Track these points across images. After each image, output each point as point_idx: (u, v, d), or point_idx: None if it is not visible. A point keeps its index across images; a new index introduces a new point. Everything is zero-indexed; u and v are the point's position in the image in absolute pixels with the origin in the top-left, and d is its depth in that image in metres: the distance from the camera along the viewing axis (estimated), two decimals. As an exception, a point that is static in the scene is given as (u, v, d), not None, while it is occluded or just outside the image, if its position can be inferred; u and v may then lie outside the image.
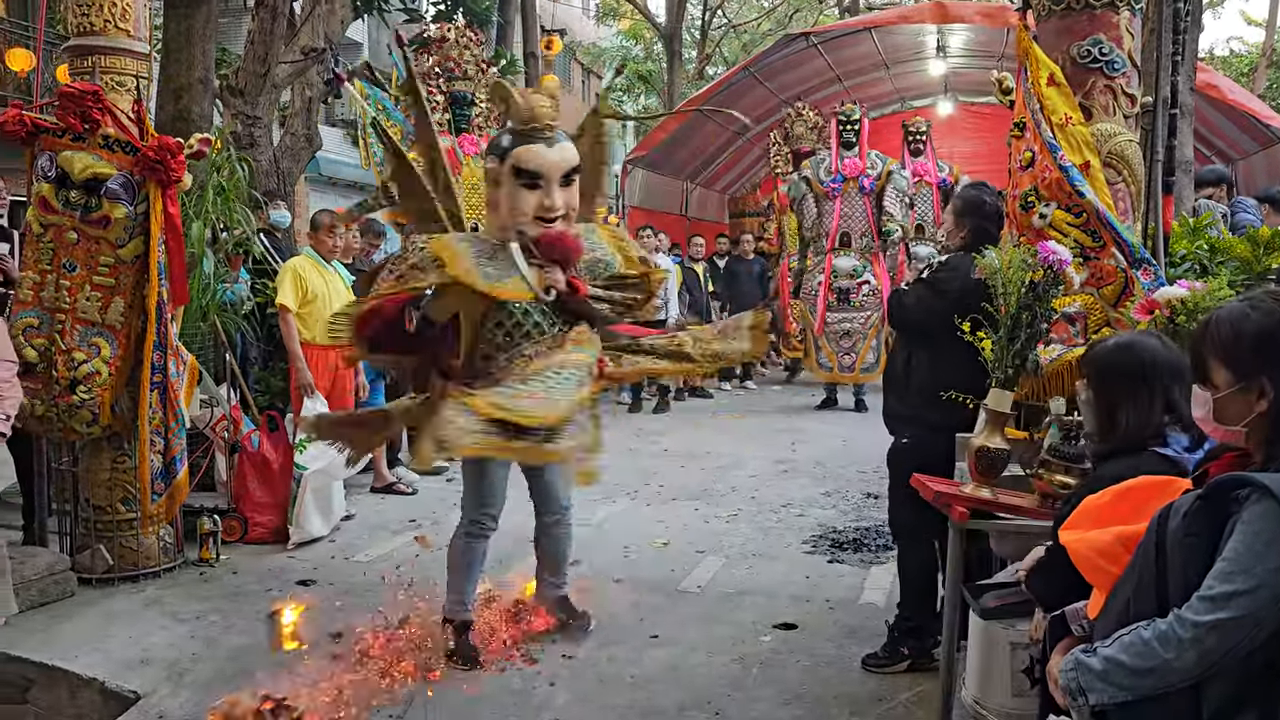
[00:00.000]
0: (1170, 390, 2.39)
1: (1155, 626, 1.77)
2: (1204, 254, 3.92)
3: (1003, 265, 3.02)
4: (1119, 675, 1.80)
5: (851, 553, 5.43)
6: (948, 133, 14.82)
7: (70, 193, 4.70)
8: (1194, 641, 1.71)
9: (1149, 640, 1.76)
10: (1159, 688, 1.77)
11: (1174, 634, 1.73)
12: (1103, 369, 2.50)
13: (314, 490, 5.63)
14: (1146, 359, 2.44)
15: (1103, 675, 1.82)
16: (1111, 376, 2.47)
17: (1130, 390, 2.42)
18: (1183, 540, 1.80)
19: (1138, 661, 1.77)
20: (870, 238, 10.46)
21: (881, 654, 3.92)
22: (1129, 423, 2.41)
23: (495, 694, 3.75)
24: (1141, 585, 1.85)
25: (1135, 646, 1.78)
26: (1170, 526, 1.83)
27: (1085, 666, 1.85)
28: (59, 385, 4.75)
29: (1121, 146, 3.39)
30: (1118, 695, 1.81)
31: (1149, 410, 2.40)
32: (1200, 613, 1.71)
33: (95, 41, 4.87)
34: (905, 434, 4.00)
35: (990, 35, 12.58)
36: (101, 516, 4.95)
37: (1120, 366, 2.46)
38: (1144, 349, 2.46)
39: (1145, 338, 2.54)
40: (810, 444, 8.58)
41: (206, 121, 7.17)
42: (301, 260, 6.25)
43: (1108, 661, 1.82)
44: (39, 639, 4.23)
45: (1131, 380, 2.43)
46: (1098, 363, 2.53)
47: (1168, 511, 1.85)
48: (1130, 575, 1.89)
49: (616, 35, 32.07)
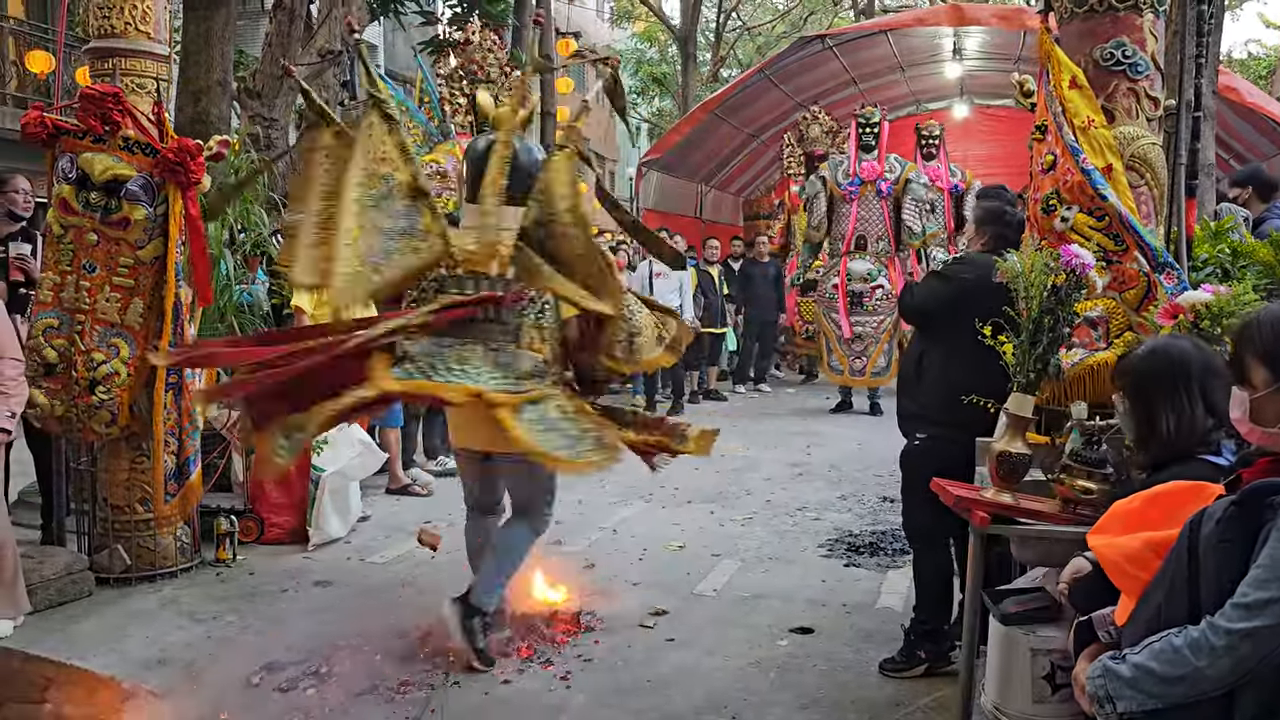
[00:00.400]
0: (1208, 391, 2.34)
1: (1187, 634, 1.75)
2: (1226, 258, 3.88)
3: (1025, 269, 3.00)
4: (1149, 683, 1.78)
5: (868, 556, 5.41)
6: (963, 136, 14.79)
7: (90, 194, 4.73)
8: (1228, 649, 1.69)
9: (1180, 648, 1.74)
10: (1190, 696, 1.75)
11: (1207, 641, 1.71)
12: (1137, 376, 2.47)
13: (332, 491, 5.65)
14: (1179, 360, 2.40)
15: (1132, 683, 1.80)
16: (1146, 382, 2.43)
17: (1166, 394, 2.38)
18: (1216, 546, 1.78)
19: (1168, 669, 1.75)
20: (886, 241, 10.43)
21: (898, 658, 3.90)
22: (1170, 428, 2.36)
23: (511, 696, 3.75)
24: (1173, 591, 1.83)
25: (1166, 654, 1.76)
26: (1204, 532, 1.81)
27: (1114, 674, 1.83)
28: (78, 386, 4.77)
29: (1144, 149, 3.36)
30: (1147, 703, 1.79)
31: (1190, 414, 2.35)
32: (1234, 620, 1.68)
33: (116, 44, 4.90)
34: (918, 435, 3.98)
35: (1006, 38, 12.54)
36: (119, 516, 4.97)
37: (1153, 371, 2.42)
38: (1176, 350, 2.43)
39: (1176, 340, 2.51)
40: (825, 447, 8.55)
41: (225, 123, 7.21)
42: (318, 262, 6.25)
43: (1137, 669, 1.79)
44: (57, 638, 4.25)
45: (1166, 383, 2.39)
46: (1131, 371, 2.49)
47: (1201, 517, 1.83)
48: (1161, 581, 1.87)
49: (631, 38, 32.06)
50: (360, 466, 5.89)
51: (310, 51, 9.31)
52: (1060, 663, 2.95)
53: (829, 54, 13.59)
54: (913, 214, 10.33)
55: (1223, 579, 1.75)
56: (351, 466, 5.74)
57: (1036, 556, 3.11)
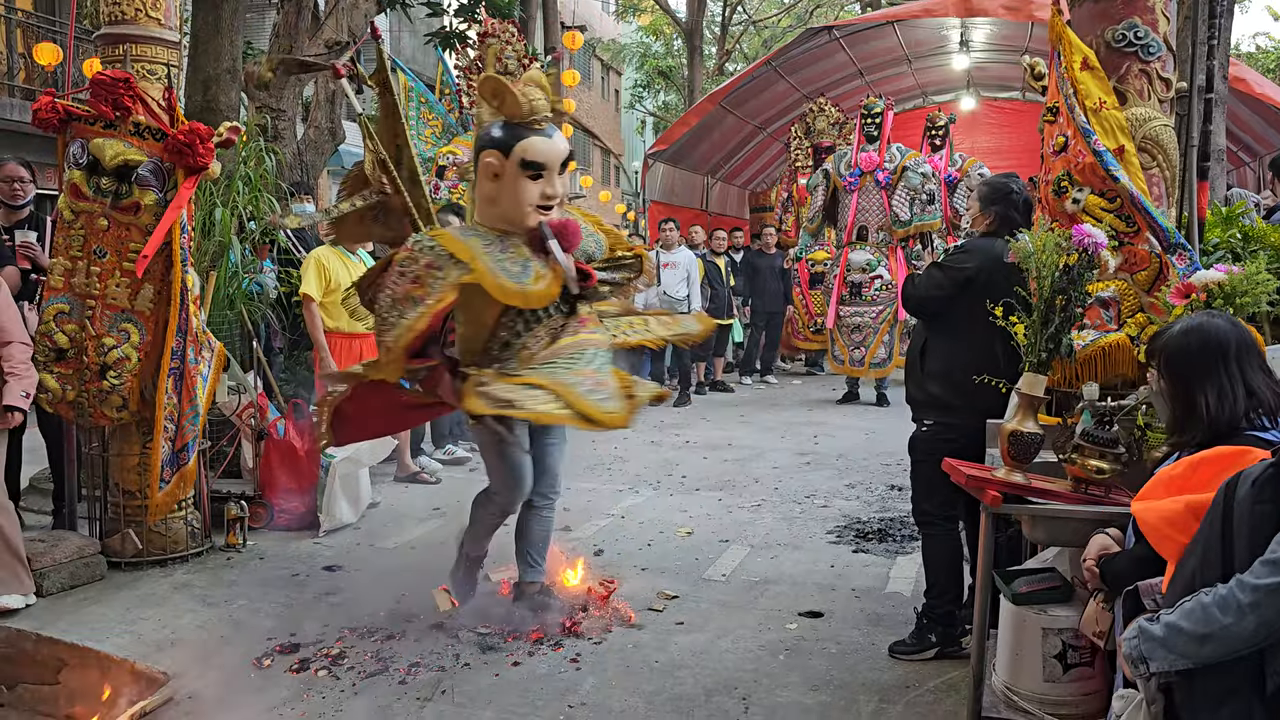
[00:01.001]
0: (1246, 370, 2.29)
1: (1216, 592, 1.75)
2: (1237, 242, 3.88)
3: (1037, 248, 3.00)
4: (1179, 642, 1.78)
5: (876, 543, 5.42)
6: (970, 128, 14.77)
7: (101, 180, 4.74)
8: (1253, 606, 1.68)
9: (1208, 605, 1.74)
10: (1219, 655, 1.74)
11: (1234, 598, 1.71)
12: (1174, 355, 2.38)
13: (342, 478, 5.68)
14: (1220, 338, 2.32)
15: (1164, 642, 1.80)
16: (1184, 361, 2.35)
17: (1207, 372, 2.30)
18: (1252, 508, 1.77)
19: (1197, 627, 1.75)
20: (887, 232, 10.41)
21: (909, 641, 3.91)
22: (1211, 408, 2.28)
23: (521, 678, 3.76)
24: (1208, 553, 1.82)
25: (1195, 613, 1.76)
26: (1239, 494, 1.80)
27: (1147, 634, 1.84)
28: (89, 371, 4.79)
29: (1156, 131, 3.36)
30: (1178, 662, 1.79)
31: (1230, 393, 2.27)
32: (1261, 576, 1.68)
33: (127, 30, 4.91)
34: (925, 421, 3.99)
35: (1014, 29, 12.50)
36: (131, 501, 4.99)
37: (1192, 350, 2.34)
38: (1214, 329, 2.35)
39: (1212, 318, 2.42)
40: (833, 437, 8.56)
41: (234, 112, 7.22)
42: (325, 250, 6.28)
43: (1168, 628, 1.79)
44: (70, 620, 4.27)
45: (1206, 362, 2.31)
46: (1169, 349, 2.40)
47: (1237, 479, 1.82)
48: (1197, 543, 1.86)
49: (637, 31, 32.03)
50: (370, 453, 5.91)
51: (318, 43, 9.33)
52: (1072, 642, 2.97)
53: (835, 45, 13.56)
54: (902, 203, 10.29)
55: (1256, 540, 1.74)
56: (362, 453, 5.75)
57: (1047, 536, 3.13)
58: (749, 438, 8.53)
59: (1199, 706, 1.83)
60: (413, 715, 3.50)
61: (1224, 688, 1.78)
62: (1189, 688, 1.82)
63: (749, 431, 8.86)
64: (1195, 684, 1.80)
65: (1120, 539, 2.44)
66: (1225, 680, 1.77)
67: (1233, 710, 1.77)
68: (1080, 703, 2.94)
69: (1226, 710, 1.77)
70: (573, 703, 3.57)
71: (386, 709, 3.53)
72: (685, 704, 3.55)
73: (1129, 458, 2.86)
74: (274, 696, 3.62)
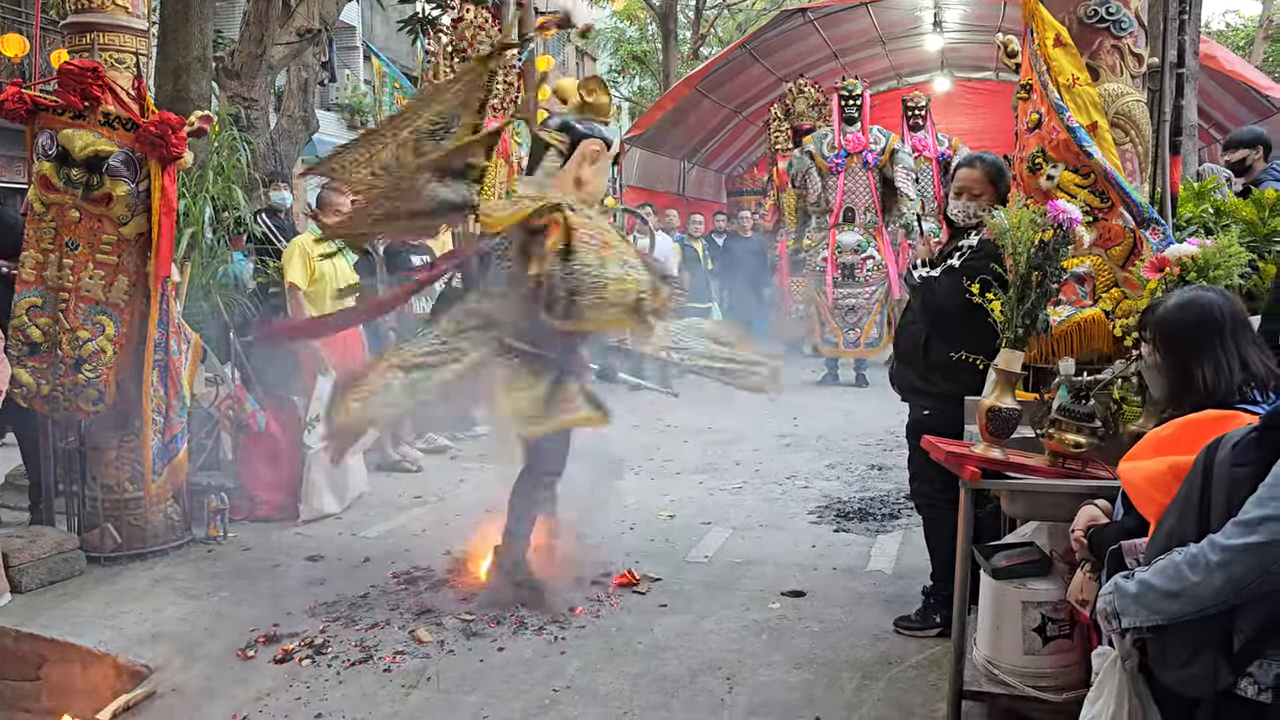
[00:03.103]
0: (1240, 343, 2.27)
1: (1188, 551, 1.78)
2: (1209, 217, 3.91)
3: (1012, 224, 3.02)
4: (1150, 598, 1.81)
5: (857, 522, 5.45)
6: (945, 109, 14.77)
7: (71, 171, 4.69)
8: (1221, 565, 1.71)
9: (1179, 564, 1.77)
10: (1189, 612, 1.77)
11: (1204, 558, 1.74)
12: (1169, 328, 2.35)
13: (322, 468, 5.64)
14: (1215, 311, 2.30)
15: (1136, 598, 1.83)
16: (1180, 334, 2.32)
17: (1203, 346, 2.27)
18: (1230, 471, 1.79)
19: (1169, 584, 1.78)
20: (874, 213, 10.44)
21: (914, 617, 3.93)
22: (1207, 381, 2.25)
23: (506, 663, 3.77)
24: (1185, 513, 1.85)
25: (1168, 570, 1.79)
26: (1219, 457, 1.82)
27: (1121, 590, 1.87)
28: (64, 364, 4.74)
29: (1129, 106, 3.38)
30: (1150, 619, 1.82)
31: (1226, 366, 2.25)
32: (1232, 536, 1.71)
33: (94, 19, 4.84)
34: (925, 409, 3.97)
35: (987, 9, 12.54)
36: (109, 495, 4.96)
37: (1188, 323, 2.32)
38: (1209, 302, 2.32)
39: (1205, 292, 2.40)
40: (813, 418, 8.58)
41: (205, 101, 7.13)
42: (307, 238, 6.23)
43: (1141, 585, 1.83)
44: (50, 616, 4.24)
45: (1202, 335, 2.28)
46: (1163, 323, 2.37)
47: (1218, 442, 1.84)
48: (1175, 503, 1.89)
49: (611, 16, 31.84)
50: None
51: (289, 30, 9.24)
52: (1051, 615, 3.00)
53: (810, 28, 13.55)
54: (906, 183, 10.36)
55: (1232, 502, 1.77)
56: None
57: (1026, 511, 3.15)
58: (729, 420, 8.52)
59: (1170, 661, 1.86)
60: (398, 703, 3.50)
61: (1194, 644, 1.82)
62: (1161, 643, 1.85)
63: (729, 414, 8.86)
64: (1167, 640, 1.84)
65: (1109, 510, 2.46)
66: (1195, 637, 1.81)
67: (1201, 666, 1.80)
68: (1060, 674, 2.97)
69: (1195, 666, 1.81)
70: (558, 686, 3.58)
71: (371, 697, 3.53)
72: (670, 685, 3.57)
73: (1105, 432, 2.88)
74: (258, 687, 3.62)
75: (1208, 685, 1.81)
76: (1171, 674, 1.85)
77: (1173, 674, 1.85)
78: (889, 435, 7.41)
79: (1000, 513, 3.40)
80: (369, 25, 20.42)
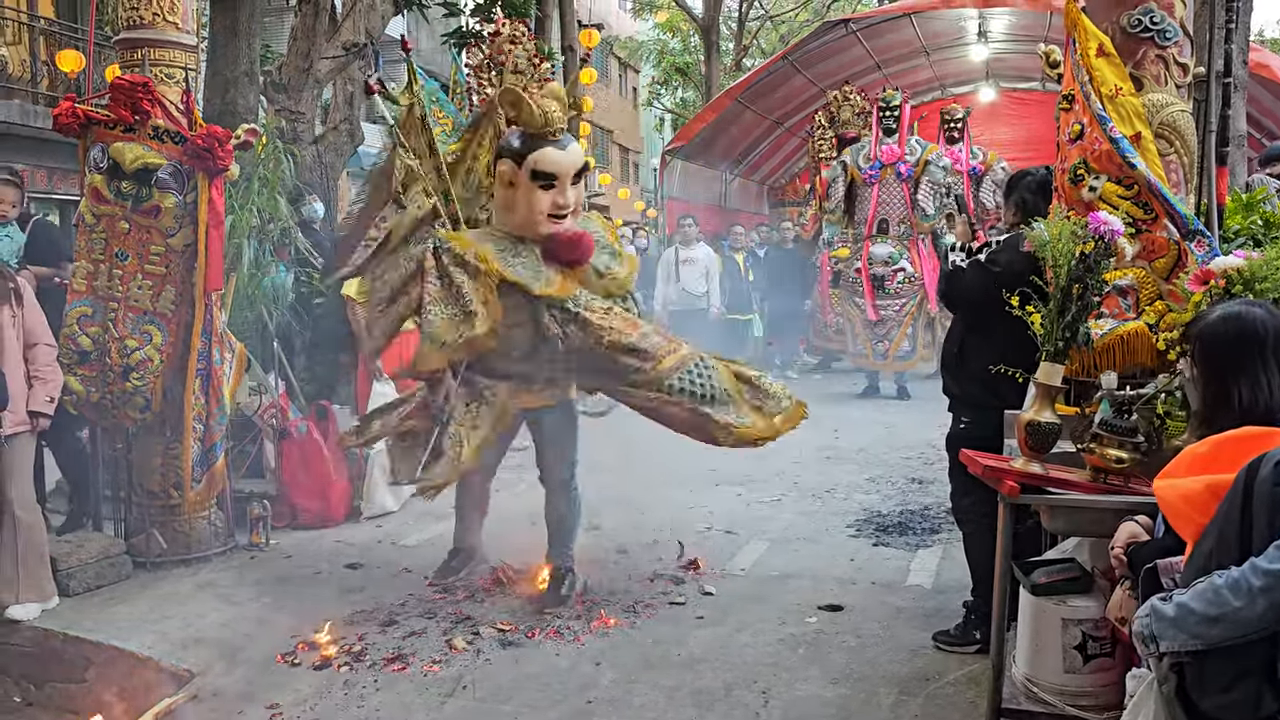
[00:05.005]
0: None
1: (1229, 574, 1.73)
2: (1258, 229, 3.83)
3: (1053, 236, 2.98)
4: (1190, 623, 1.76)
5: (897, 536, 5.40)
6: (989, 119, 14.64)
7: (122, 183, 4.80)
8: (1265, 590, 1.66)
9: (1220, 587, 1.72)
10: (1229, 637, 1.72)
11: (1245, 582, 1.69)
12: (1211, 341, 2.30)
13: (381, 468, 5.76)
14: (1258, 326, 2.24)
15: (1175, 622, 1.78)
16: (1222, 349, 2.27)
17: (1242, 361, 2.22)
18: (1273, 491, 1.74)
19: (1208, 609, 1.73)
20: (908, 225, 10.35)
21: (954, 632, 3.89)
22: (1244, 398, 2.19)
23: (541, 673, 3.78)
24: (1225, 534, 1.80)
25: (1207, 594, 1.74)
26: (1260, 475, 1.77)
27: (1159, 613, 1.82)
28: (113, 373, 4.84)
29: (1174, 117, 3.32)
30: (1189, 643, 1.77)
31: (1266, 385, 2.19)
32: (1275, 561, 1.66)
33: (145, 35, 4.97)
34: (963, 419, 3.94)
35: (1032, 19, 12.40)
36: (154, 501, 5.05)
37: (1229, 337, 2.26)
38: (1254, 318, 2.26)
39: (1251, 306, 2.34)
40: (853, 431, 8.51)
41: (252, 114, 7.26)
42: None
43: (1180, 608, 1.78)
44: (96, 620, 4.32)
45: (1245, 351, 2.23)
46: (1205, 336, 2.32)
47: (1260, 461, 1.79)
48: (1215, 524, 1.84)
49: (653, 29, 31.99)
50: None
51: (335, 45, 9.37)
52: (1092, 632, 2.95)
53: (853, 39, 13.50)
54: (927, 196, 10.24)
55: (1275, 523, 1.72)
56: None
57: (1066, 526, 3.10)
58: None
59: (1209, 687, 1.81)
60: (434, 710, 3.52)
61: (1235, 670, 1.76)
62: (1200, 669, 1.80)
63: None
64: (1206, 665, 1.78)
65: (1149, 527, 2.41)
66: (1236, 663, 1.75)
67: (1243, 693, 1.75)
68: (1100, 693, 2.92)
69: (1236, 692, 1.76)
70: (592, 697, 3.58)
71: (408, 704, 3.56)
72: (705, 698, 3.56)
73: (1148, 447, 2.83)
74: (297, 693, 3.66)
75: (1249, 713, 1.76)
76: (1211, 700, 1.80)
77: (1212, 700, 1.80)
78: (930, 449, 7.33)
79: (1041, 528, 3.35)
80: (415, 39, 20.66)
